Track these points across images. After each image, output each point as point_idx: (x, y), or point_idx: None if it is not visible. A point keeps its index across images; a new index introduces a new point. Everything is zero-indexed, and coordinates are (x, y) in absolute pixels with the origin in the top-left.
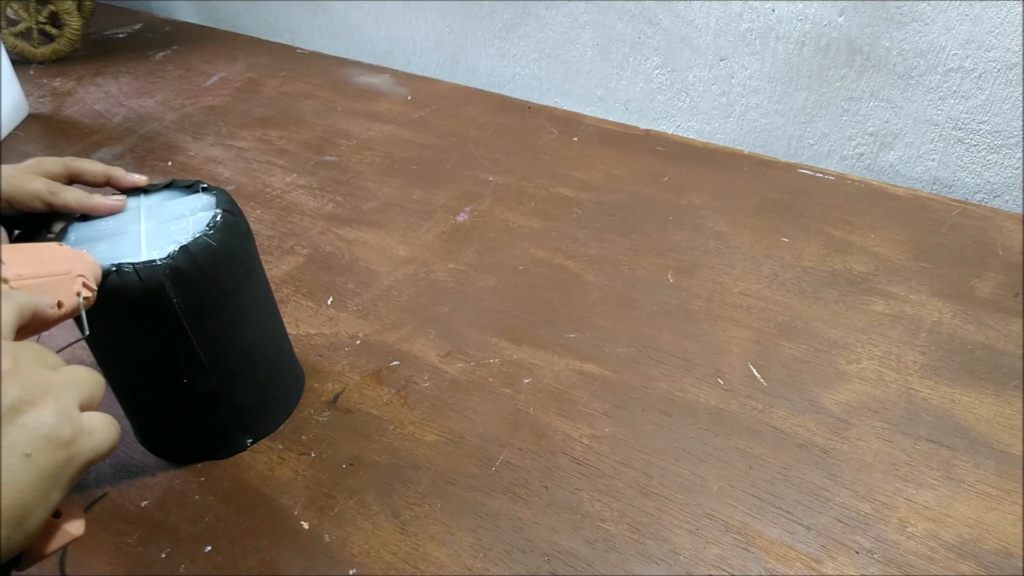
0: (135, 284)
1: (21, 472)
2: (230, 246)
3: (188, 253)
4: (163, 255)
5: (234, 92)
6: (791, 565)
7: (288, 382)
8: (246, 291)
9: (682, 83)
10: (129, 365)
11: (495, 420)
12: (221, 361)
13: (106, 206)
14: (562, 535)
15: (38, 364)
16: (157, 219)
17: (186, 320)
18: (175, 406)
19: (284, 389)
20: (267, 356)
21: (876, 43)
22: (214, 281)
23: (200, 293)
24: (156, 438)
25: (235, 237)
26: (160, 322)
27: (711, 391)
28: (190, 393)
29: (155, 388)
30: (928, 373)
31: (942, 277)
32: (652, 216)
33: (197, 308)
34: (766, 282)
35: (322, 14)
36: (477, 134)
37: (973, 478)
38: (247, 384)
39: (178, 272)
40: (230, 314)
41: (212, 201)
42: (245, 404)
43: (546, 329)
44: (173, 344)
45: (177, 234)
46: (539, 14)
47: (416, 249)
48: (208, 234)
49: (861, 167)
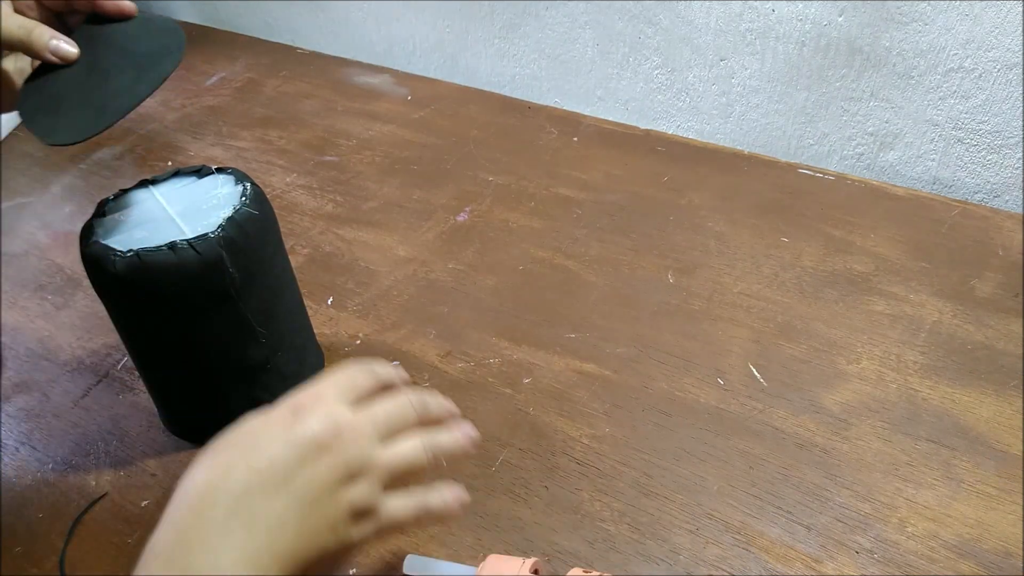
0: (192, 259)
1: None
2: (267, 215)
3: (236, 223)
4: (212, 228)
5: (234, 92)
6: (791, 565)
7: (316, 348)
8: (281, 258)
9: (682, 83)
10: (176, 345)
11: (495, 420)
12: (269, 329)
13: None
14: (562, 535)
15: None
16: (181, 203)
17: (240, 289)
18: (223, 380)
19: (315, 355)
20: (302, 323)
21: (876, 43)
22: (258, 249)
23: (250, 261)
24: (192, 420)
25: (267, 206)
26: (217, 294)
27: (711, 391)
28: (241, 364)
29: (203, 364)
30: (928, 373)
31: (942, 277)
32: (652, 216)
33: (248, 276)
34: (766, 282)
35: (322, 14)
36: (477, 134)
37: (973, 478)
38: (289, 351)
39: (231, 242)
40: (272, 281)
41: (231, 179)
42: (289, 372)
43: (546, 329)
44: (228, 315)
45: (213, 210)
46: (539, 14)
47: (416, 249)
48: (247, 204)
49: (861, 167)
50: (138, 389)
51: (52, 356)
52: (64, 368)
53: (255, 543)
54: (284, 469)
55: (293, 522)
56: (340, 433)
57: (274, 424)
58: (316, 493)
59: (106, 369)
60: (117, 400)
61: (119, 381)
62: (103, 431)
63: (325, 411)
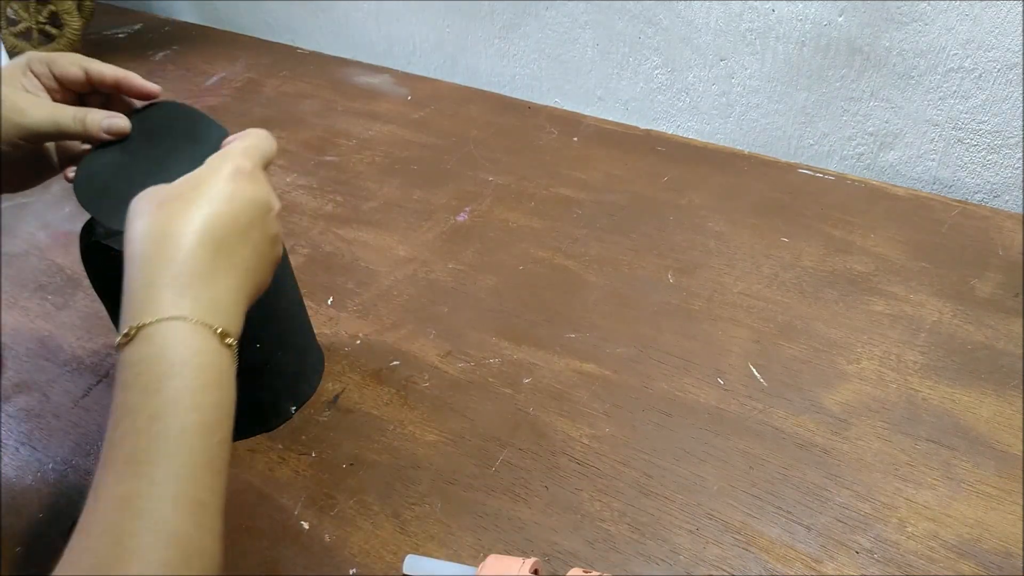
0: None
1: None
2: None
3: None
4: None
5: (234, 92)
6: (791, 565)
7: (316, 347)
8: (281, 258)
9: (682, 83)
10: None
11: (495, 420)
12: (268, 328)
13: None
14: (562, 535)
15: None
16: None
17: None
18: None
19: (315, 354)
20: (302, 323)
21: (876, 43)
22: None
23: None
24: None
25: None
26: None
27: (711, 391)
28: (241, 364)
29: None
30: (928, 373)
31: (942, 277)
32: (652, 216)
33: None
34: (766, 282)
35: (322, 14)
36: (477, 134)
37: (973, 478)
38: (288, 351)
39: None
40: (272, 281)
41: None
42: (289, 372)
43: (546, 329)
44: None
45: None
46: (539, 14)
47: (416, 249)
48: None
49: (861, 167)
50: None
51: (52, 356)
52: (64, 368)
53: (235, 281)
54: (247, 224)
55: (254, 266)
56: (273, 197)
57: (231, 182)
58: (266, 245)
59: (106, 369)
60: None
61: None
62: (103, 431)
63: (262, 178)
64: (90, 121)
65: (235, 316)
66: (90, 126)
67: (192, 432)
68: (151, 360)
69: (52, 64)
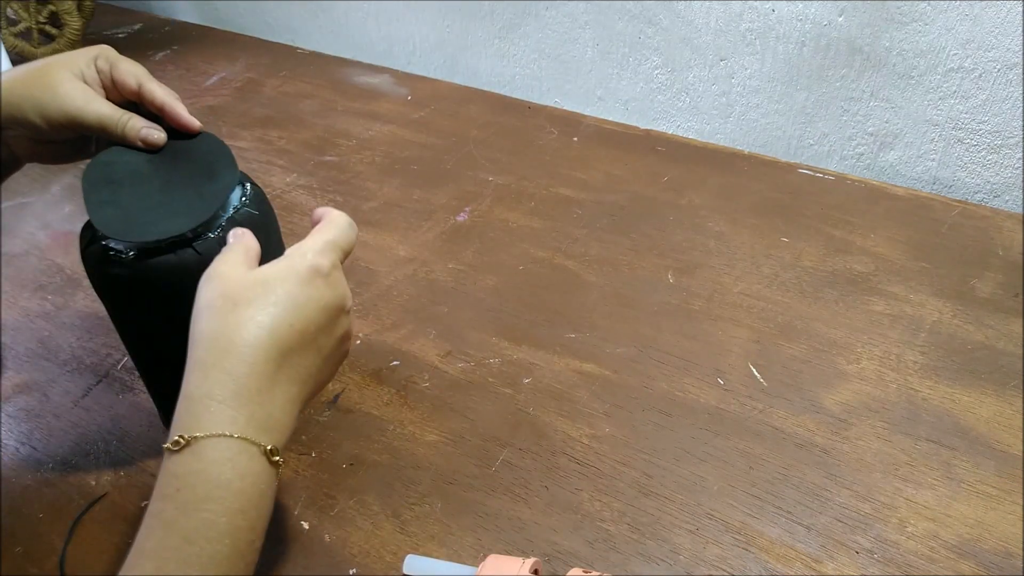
0: (193, 259)
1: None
2: (267, 215)
3: (236, 223)
4: (213, 228)
5: (234, 92)
6: (791, 565)
7: None
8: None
9: (682, 83)
10: (176, 346)
11: (495, 420)
12: None
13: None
14: (562, 535)
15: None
16: None
17: None
18: None
19: None
20: None
21: (876, 43)
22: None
23: None
24: None
25: (267, 206)
26: None
27: (711, 391)
28: None
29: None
30: (928, 373)
31: (942, 277)
32: (652, 216)
33: None
34: (766, 282)
35: (322, 14)
36: (477, 134)
37: (973, 478)
38: None
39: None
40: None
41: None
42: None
43: (546, 329)
44: None
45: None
46: (539, 14)
47: (416, 249)
48: (247, 204)
49: (861, 167)
50: (138, 389)
51: (52, 356)
52: (64, 368)
53: (295, 392)
54: (316, 331)
55: (316, 372)
56: (347, 296)
57: (306, 286)
58: (334, 347)
59: (106, 369)
60: (117, 400)
61: (119, 381)
62: (103, 431)
63: (339, 278)
64: (130, 127)
65: (289, 427)
66: (128, 132)
67: (222, 559)
68: (195, 476)
69: (115, 66)
